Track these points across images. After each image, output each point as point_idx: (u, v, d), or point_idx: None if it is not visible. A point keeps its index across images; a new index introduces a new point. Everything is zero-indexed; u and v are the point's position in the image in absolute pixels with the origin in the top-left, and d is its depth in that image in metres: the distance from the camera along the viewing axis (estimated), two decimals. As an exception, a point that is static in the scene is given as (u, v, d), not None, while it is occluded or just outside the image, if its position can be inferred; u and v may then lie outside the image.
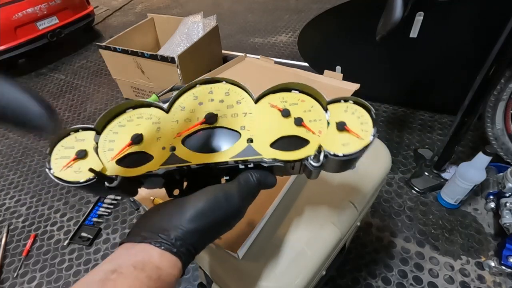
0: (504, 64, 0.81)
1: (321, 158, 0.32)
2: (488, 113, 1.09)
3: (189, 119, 0.37)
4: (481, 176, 0.93)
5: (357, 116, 0.34)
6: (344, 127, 0.33)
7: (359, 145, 0.32)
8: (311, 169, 0.33)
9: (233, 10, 2.86)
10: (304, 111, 0.35)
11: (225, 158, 0.33)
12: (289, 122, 0.35)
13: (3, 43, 2.09)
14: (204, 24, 1.76)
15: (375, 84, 1.47)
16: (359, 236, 1.03)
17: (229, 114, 0.37)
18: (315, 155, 0.32)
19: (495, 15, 1.01)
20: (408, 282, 0.91)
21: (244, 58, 0.83)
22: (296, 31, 2.34)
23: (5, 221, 1.25)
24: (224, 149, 0.34)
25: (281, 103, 0.36)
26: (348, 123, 0.33)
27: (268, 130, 0.35)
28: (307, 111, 0.35)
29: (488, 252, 0.95)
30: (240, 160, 0.33)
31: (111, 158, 0.33)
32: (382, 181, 0.57)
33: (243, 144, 0.34)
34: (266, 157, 0.33)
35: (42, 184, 1.39)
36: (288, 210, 0.50)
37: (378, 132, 0.38)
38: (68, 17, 2.36)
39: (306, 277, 0.43)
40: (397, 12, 0.68)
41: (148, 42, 2.00)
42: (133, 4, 3.38)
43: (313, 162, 0.32)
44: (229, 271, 0.43)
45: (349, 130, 0.33)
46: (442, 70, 1.28)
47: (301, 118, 0.35)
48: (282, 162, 0.33)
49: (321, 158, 0.32)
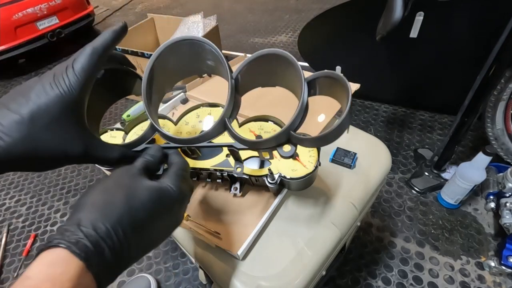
0: (504, 64, 0.81)
1: (276, 177, 0.41)
2: (488, 113, 1.09)
3: (189, 133, 0.48)
4: (481, 176, 0.93)
5: (308, 150, 0.44)
6: (296, 157, 0.43)
7: (303, 172, 0.42)
8: (268, 185, 0.43)
9: (233, 10, 2.86)
10: None
11: (208, 166, 0.45)
12: None
13: (3, 43, 2.09)
14: (204, 24, 1.76)
15: (375, 84, 1.47)
16: (359, 236, 1.03)
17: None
18: (271, 175, 0.41)
19: (495, 15, 1.01)
20: (408, 282, 0.91)
21: (244, 58, 0.83)
22: (296, 31, 2.34)
23: (5, 221, 1.25)
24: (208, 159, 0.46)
25: (258, 130, 0.46)
26: (300, 155, 0.44)
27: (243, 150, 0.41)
28: None
29: (488, 252, 0.95)
30: (218, 169, 0.44)
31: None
32: (382, 181, 0.57)
33: (222, 157, 0.45)
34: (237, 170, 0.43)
35: (42, 184, 1.39)
36: (288, 210, 0.50)
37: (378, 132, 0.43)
38: (68, 17, 2.36)
39: (306, 277, 0.43)
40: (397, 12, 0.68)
41: (148, 42, 2.00)
42: (133, 4, 3.38)
43: (270, 179, 0.42)
44: (229, 271, 0.43)
45: (298, 160, 0.43)
46: (442, 70, 1.28)
47: None
48: (247, 175, 0.43)
49: (276, 177, 0.41)
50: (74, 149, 0.29)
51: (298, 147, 0.39)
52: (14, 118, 0.26)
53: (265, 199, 0.48)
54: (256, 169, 0.44)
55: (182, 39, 0.35)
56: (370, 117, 1.49)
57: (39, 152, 0.27)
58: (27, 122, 0.26)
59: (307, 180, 0.42)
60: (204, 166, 0.44)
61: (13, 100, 0.27)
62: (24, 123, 0.26)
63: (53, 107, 0.27)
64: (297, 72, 0.32)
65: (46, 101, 0.27)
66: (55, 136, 0.28)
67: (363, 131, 0.63)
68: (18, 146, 0.26)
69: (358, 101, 1.59)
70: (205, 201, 0.50)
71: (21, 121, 0.26)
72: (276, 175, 0.41)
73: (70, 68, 0.28)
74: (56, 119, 0.27)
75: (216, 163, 0.44)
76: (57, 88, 0.27)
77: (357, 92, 0.66)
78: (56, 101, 0.27)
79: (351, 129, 0.63)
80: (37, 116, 0.26)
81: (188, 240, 0.49)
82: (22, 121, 0.26)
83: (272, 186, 0.43)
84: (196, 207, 0.49)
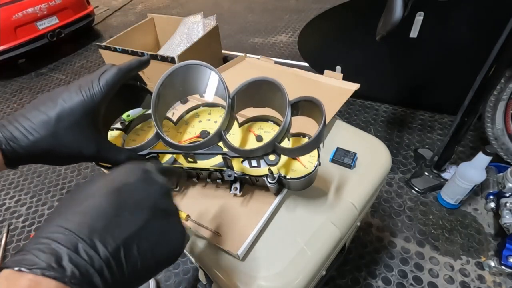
0: (504, 64, 0.81)
1: (276, 177, 0.41)
2: (488, 113, 1.09)
3: (189, 132, 0.49)
4: (481, 176, 0.93)
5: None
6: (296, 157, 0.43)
7: (303, 172, 0.42)
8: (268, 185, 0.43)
9: (233, 10, 2.86)
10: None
11: (208, 166, 0.45)
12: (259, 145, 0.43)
13: (3, 43, 2.09)
14: (204, 24, 1.76)
15: (375, 84, 1.47)
16: (359, 236, 1.03)
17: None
18: (271, 175, 0.41)
19: (495, 15, 1.01)
20: (408, 282, 0.91)
21: (244, 58, 0.83)
22: (296, 31, 2.34)
23: (5, 221, 1.25)
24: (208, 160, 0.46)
25: (258, 130, 0.47)
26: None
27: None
28: None
29: (488, 252, 0.95)
30: (218, 169, 0.44)
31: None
32: (382, 181, 0.57)
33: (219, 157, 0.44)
34: (236, 170, 0.43)
35: (42, 184, 1.39)
36: (288, 210, 0.50)
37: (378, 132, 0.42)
38: (68, 17, 2.36)
39: (306, 277, 0.43)
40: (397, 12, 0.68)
41: (148, 42, 2.00)
42: (133, 4, 3.38)
43: (270, 179, 0.41)
44: (229, 271, 0.43)
45: (298, 160, 0.43)
46: (442, 70, 1.28)
47: None
48: (247, 175, 0.43)
49: (276, 177, 0.41)
50: (88, 149, 0.34)
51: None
52: (42, 118, 0.31)
53: (265, 199, 0.48)
54: (256, 169, 0.44)
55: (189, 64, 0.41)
56: (370, 117, 1.49)
57: (59, 148, 0.32)
58: (54, 122, 0.31)
59: (307, 180, 0.43)
60: (204, 166, 0.44)
61: (43, 103, 0.32)
62: (50, 123, 0.31)
63: (76, 110, 0.32)
64: (283, 96, 0.38)
65: (71, 105, 0.32)
66: (74, 136, 0.32)
67: (363, 131, 0.63)
68: (43, 142, 0.31)
69: (358, 101, 1.59)
70: (205, 201, 0.50)
71: (48, 121, 0.31)
72: (276, 175, 0.41)
73: (96, 81, 0.33)
74: (77, 121, 0.32)
75: (216, 163, 0.45)
76: (82, 95, 0.32)
77: (357, 92, 0.66)
78: (79, 106, 0.32)
79: (351, 129, 0.63)
80: (62, 118, 0.31)
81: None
82: (49, 121, 0.31)
83: (272, 186, 0.44)
84: (196, 207, 0.49)
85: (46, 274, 0.18)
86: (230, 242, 0.44)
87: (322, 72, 0.72)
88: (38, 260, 0.19)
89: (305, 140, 0.44)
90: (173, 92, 0.44)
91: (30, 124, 0.31)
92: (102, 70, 0.35)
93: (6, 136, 0.30)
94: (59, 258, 0.19)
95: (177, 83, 0.43)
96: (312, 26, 1.43)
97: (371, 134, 0.62)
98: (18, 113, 0.32)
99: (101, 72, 0.35)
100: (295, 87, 0.70)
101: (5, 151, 0.30)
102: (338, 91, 0.67)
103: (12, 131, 0.30)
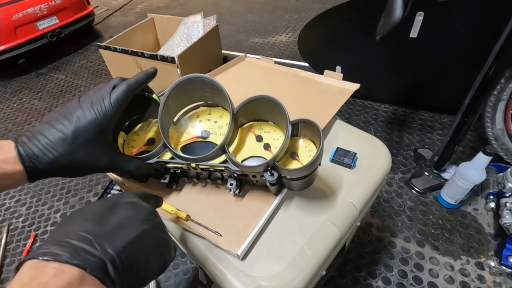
0: (504, 64, 0.81)
1: (275, 175, 0.41)
2: (488, 113, 1.09)
3: (189, 132, 0.49)
4: (481, 176, 0.93)
5: (308, 150, 0.44)
6: (296, 157, 0.44)
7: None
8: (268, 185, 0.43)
9: (233, 10, 2.86)
10: (274, 139, 0.46)
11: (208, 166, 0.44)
12: (259, 145, 0.45)
13: (3, 43, 2.09)
14: (204, 24, 1.76)
15: (375, 84, 1.47)
16: (359, 236, 1.03)
17: (218, 133, 0.47)
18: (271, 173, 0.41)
19: (495, 15, 1.01)
20: (408, 282, 0.91)
21: (244, 58, 0.83)
22: (296, 31, 2.34)
23: (5, 221, 1.25)
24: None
25: (258, 130, 0.47)
26: (300, 155, 0.43)
27: (243, 149, 0.46)
28: (275, 139, 0.46)
29: (488, 252, 0.95)
30: (218, 169, 0.45)
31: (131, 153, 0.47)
32: (382, 181, 0.57)
33: (222, 158, 0.44)
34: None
35: (42, 184, 1.39)
36: (288, 210, 0.50)
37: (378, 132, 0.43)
38: (68, 17, 2.36)
39: (306, 277, 0.43)
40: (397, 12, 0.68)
41: (148, 42, 2.00)
42: (133, 4, 3.38)
43: (269, 177, 0.41)
44: (229, 271, 0.43)
45: (298, 160, 0.44)
46: (442, 70, 1.28)
47: (268, 144, 0.45)
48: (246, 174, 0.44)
49: (275, 175, 0.41)
50: (102, 162, 0.37)
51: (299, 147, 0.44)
52: (60, 137, 0.33)
53: (265, 199, 0.48)
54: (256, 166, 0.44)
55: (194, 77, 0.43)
56: (370, 117, 1.49)
57: (75, 164, 0.35)
58: (70, 140, 0.34)
59: (307, 180, 0.43)
60: (204, 166, 0.44)
61: (58, 121, 0.34)
62: (67, 141, 0.33)
63: (89, 128, 0.34)
64: (283, 113, 0.40)
65: (85, 123, 0.34)
66: (88, 152, 0.35)
67: (363, 131, 0.63)
68: (61, 159, 0.34)
69: (358, 101, 1.59)
70: (205, 201, 0.50)
71: (65, 139, 0.33)
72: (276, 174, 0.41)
73: (107, 98, 0.36)
74: (91, 138, 0.35)
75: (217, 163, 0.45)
76: (95, 113, 0.35)
77: (357, 92, 0.66)
78: (92, 123, 0.35)
79: (351, 129, 0.63)
80: (77, 136, 0.34)
81: (188, 240, 0.49)
82: (66, 139, 0.33)
83: (272, 186, 0.44)
84: (196, 207, 0.49)
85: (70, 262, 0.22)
86: (230, 242, 0.44)
87: (322, 72, 0.72)
88: (60, 252, 0.22)
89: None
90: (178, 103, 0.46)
91: (48, 142, 0.33)
92: (111, 85, 0.37)
93: (28, 154, 0.32)
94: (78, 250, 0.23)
95: (182, 95, 0.45)
96: (312, 26, 1.43)
97: (371, 134, 0.62)
98: (36, 130, 0.34)
99: (110, 87, 0.37)
100: (295, 87, 0.70)
101: (29, 168, 0.33)
102: (338, 91, 0.67)
103: (33, 148, 0.33)
